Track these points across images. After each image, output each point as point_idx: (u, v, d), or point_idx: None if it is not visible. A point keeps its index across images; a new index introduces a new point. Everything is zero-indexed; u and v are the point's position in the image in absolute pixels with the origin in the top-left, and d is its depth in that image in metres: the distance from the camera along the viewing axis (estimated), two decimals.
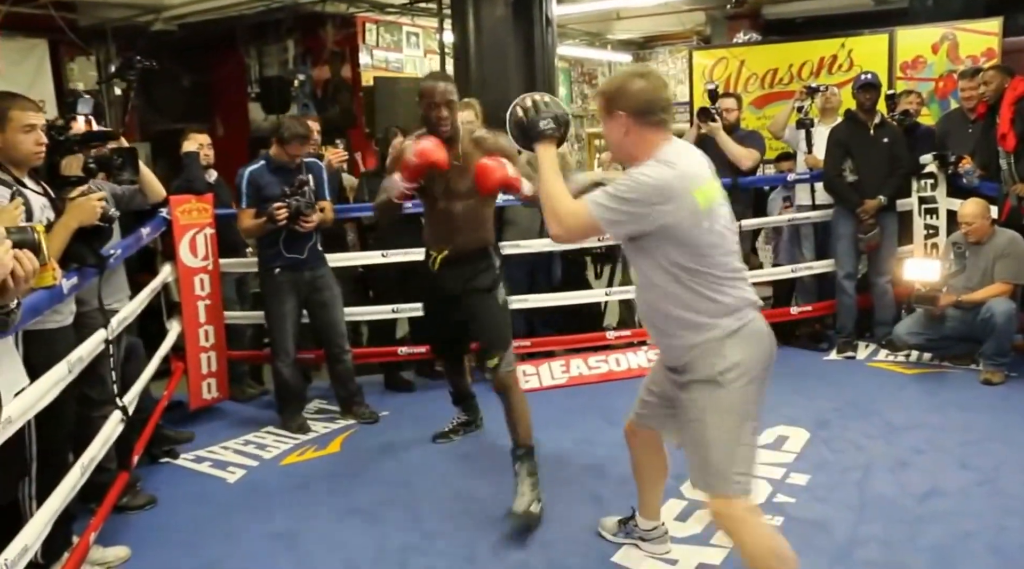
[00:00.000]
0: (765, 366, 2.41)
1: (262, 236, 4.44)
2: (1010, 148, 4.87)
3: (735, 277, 2.39)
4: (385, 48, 8.79)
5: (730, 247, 2.40)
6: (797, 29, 8.75)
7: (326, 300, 4.56)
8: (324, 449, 4.27)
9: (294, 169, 4.42)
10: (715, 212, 2.34)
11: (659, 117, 2.37)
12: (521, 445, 3.42)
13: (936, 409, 4.37)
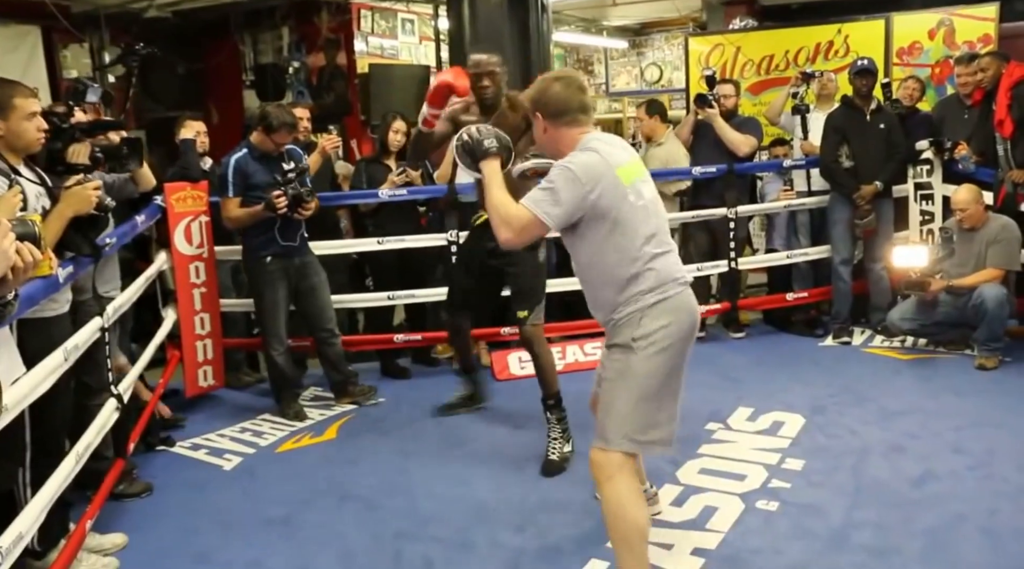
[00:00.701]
0: (682, 338, 2.54)
1: (251, 225, 4.41)
2: (1007, 134, 4.87)
3: (660, 253, 2.55)
4: (380, 35, 8.73)
5: (655, 223, 2.58)
6: (793, 15, 8.69)
7: (315, 285, 4.57)
8: (320, 436, 4.28)
9: (277, 157, 4.41)
10: (638, 188, 2.56)
11: (573, 117, 2.62)
12: (550, 395, 3.77)
13: (930, 394, 4.38)
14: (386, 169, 5.09)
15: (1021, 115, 4.83)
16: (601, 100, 12.53)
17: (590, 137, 2.61)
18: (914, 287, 4.87)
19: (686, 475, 3.53)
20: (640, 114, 5.77)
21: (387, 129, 5.10)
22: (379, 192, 4.93)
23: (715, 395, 4.41)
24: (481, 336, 5.18)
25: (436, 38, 8.41)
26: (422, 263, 5.26)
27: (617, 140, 2.71)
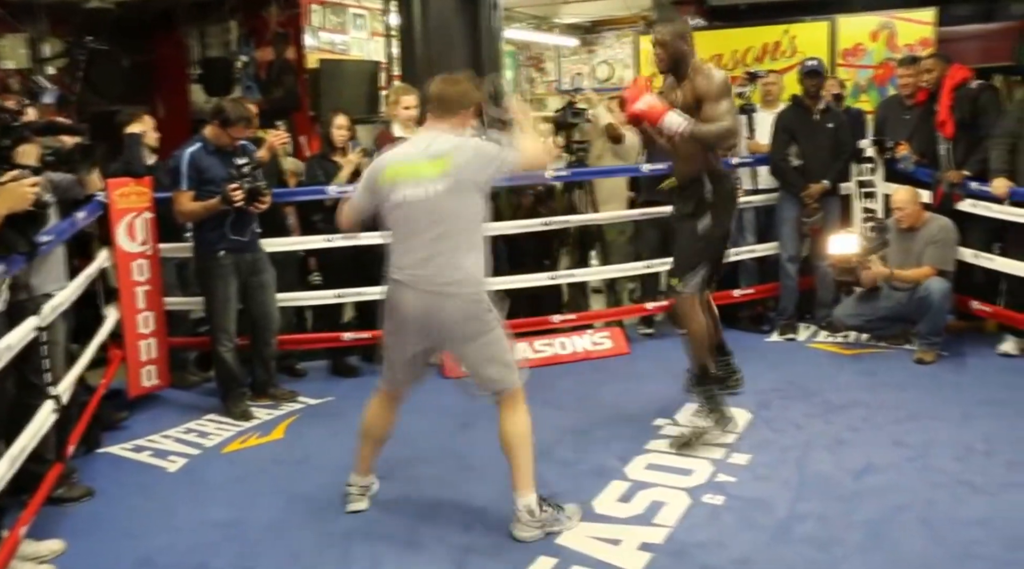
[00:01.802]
0: (395, 324, 3.10)
1: (204, 219, 4.35)
2: (948, 135, 4.99)
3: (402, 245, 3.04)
4: (330, 30, 8.65)
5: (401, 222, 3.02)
6: (741, 15, 8.80)
7: (265, 282, 4.54)
8: (267, 436, 4.23)
9: (231, 151, 4.36)
10: (396, 188, 2.98)
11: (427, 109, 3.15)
12: (689, 368, 3.90)
13: (872, 388, 4.48)
14: (336, 166, 5.04)
15: (962, 116, 4.97)
16: (553, 97, 12.58)
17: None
18: (846, 274, 4.99)
19: (634, 471, 3.56)
20: (613, 106, 5.78)
21: (330, 126, 5.07)
22: (327, 189, 4.88)
23: (662, 390, 4.45)
24: None
25: (387, 34, 8.35)
26: (372, 260, 5.21)
27: (420, 138, 3.11)
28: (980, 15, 8.61)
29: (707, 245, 3.82)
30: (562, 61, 12.64)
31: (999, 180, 4.64)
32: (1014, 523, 3.02)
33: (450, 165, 2.93)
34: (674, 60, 3.71)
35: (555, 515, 3.10)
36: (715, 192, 3.77)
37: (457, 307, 2.97)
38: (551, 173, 5.20)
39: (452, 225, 2.97)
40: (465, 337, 3.03)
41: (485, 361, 3.05)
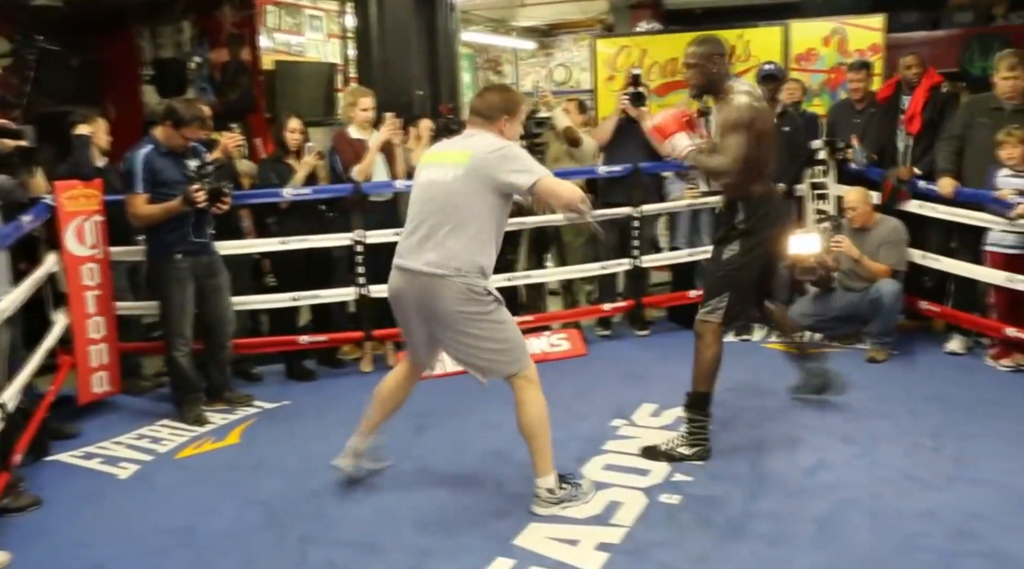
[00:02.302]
0: (393, 306, 3.29)
1: (162, 221, 4.28)
2: (914, 130, 5.11)
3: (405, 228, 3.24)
4: (286, 31, 8.58)
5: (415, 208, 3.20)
6: (697, 19, 8.92)
7: (221, 284, 4.51)
8: (222, 440, 4.18)
9: (183, 153, 4.31)
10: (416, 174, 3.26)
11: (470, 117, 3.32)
12: (691, 393, 3.71)
13: None
14: (290, 169, 5.01)
15: (931, 117, 5.09)
16: None
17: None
18: (807, 273, 5.07)
19: (591, 471, 3.58)
20: (570, 107, 5.81)
21: (283, 129, 5.03)
22: (282, 191, 4.84)
23: (620, 392, 4.48)
24: (387, 336, 5.15)
25: (343, 35, 8.30)
26: (327, 263, 5.19)
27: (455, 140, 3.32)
28: (927, 23, 8.85)
29: (731, 275, 3.64)
30: (520, 64, 12.68)
31: (944, 179, 4.76)
32: (958, 515, 3.10)
33: (474, 156, 3.07)
34: (705, 82, 3.61)
35: (572, 492, 3.27)
36: (748, 220, 3.60)
37: (452, 290, 3.05)
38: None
39: (460, 214, 3.06)
40: (462, 320, 3.09)
41: (480, 350, 3.14)
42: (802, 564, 2.84)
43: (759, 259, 3.66)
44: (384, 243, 5.02)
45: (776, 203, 3.75)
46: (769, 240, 3.68)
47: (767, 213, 3.64)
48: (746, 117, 3.50)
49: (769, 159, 3.66)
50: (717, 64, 3.60)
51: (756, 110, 3.53)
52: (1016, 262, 4.58)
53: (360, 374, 5.18)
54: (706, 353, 3.64)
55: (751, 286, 3.71)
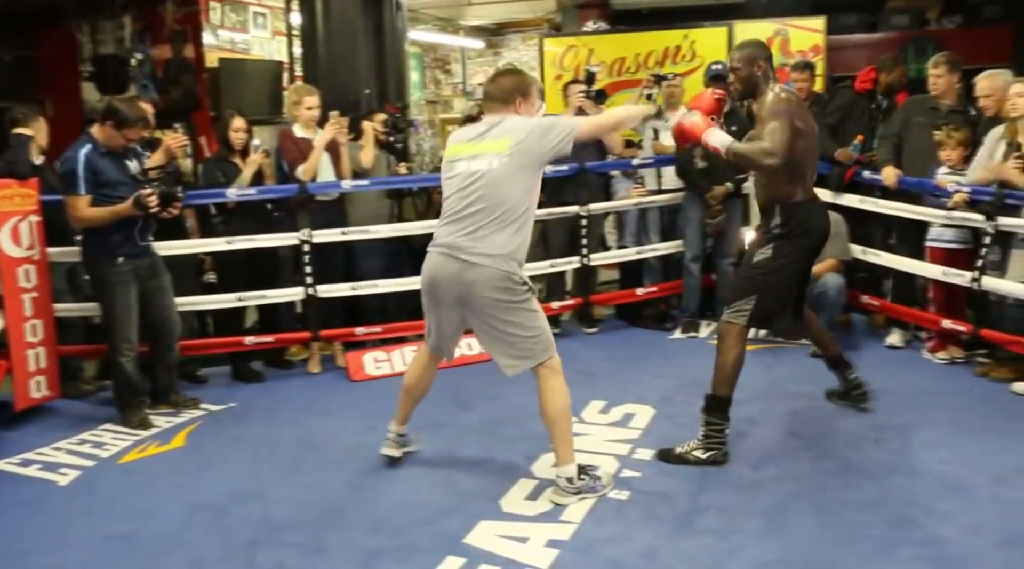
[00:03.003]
0: (427, 291, 3.35)
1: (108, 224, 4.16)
2: None
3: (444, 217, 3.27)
4: (231, 28, 8.46)
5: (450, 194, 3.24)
6: (644, 20, 8.99)
7: (164, 285, 4.43)
8: (167, 444, 4.10)
9: (123, 153, 4.21)
10: (454, 164, 3.25)
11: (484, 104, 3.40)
12: (710, 395, 3.65)
13: (770, 382, 4.63)
14: (236, 168, 4.93)
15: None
16: (459, 99, 12.58)
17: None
18: None
19: (541, 469, 3.59)
20: None
21: (227, 128, 4.95)
22: (227, 191, 4.77)
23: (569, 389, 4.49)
24: (335, 336, 5.11)
25: (288, 33, 8.20)
26: (272, 263, 5.13)
27: (476, 125, 3.31)
28: (866, 25, 9.05)
29: (759, 278, 3.60)
30: (468, 63, 12.65)
31: (888, 169, 4.89)
32: (898, 505, 3.18)
33: (515, 140, 3.15)
34: (747, 86, 3.59)
35: (591, 483, 3.31)
36: (784, 225, 3.58)
37: (488, 277, 3.13)
38: None
39: (507, 203, 3.14)
40: (498, 307, 3.17)
41: (515, 332, 3.20)
42: (749, 556, 2.88)
43: (790, 266, 3.58)
44: (331, 243, 5.00)
45: (815, 213, 3.66)
46: (804, 249, 3.62)
47: (804, 221, 3.58)
48: (786, 108, 3.46)
49: (810, 165, 3.61)
50: (761, 67, 3.56)
51: (797, 106, 3.52)
52: (956, 257, 4.72)
53: (308, 375, 5.13)
54: (727, 355, 3.60)
55: (781, 292, 3.63)
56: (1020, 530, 2.98)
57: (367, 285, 5.08)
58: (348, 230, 5.02)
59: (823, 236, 3.70)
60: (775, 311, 3.70)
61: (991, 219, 4.41)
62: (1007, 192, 4.33)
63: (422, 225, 5.28)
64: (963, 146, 4.68)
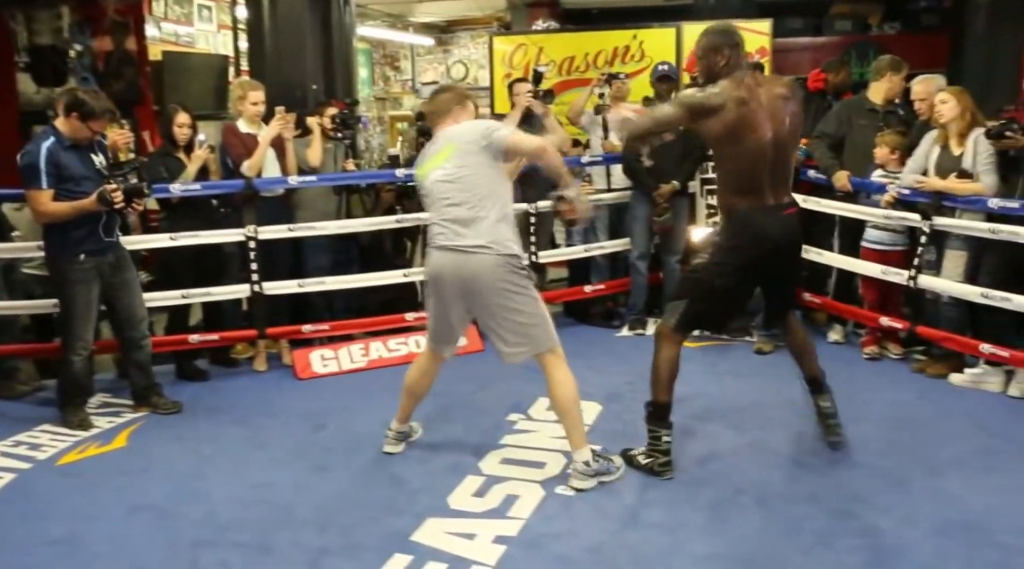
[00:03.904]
0: (431, 286, 3.47)
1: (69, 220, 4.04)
2: None
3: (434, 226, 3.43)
4: (175, 21, 8.31)
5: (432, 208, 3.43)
6: (593, 19, 9.05)
7: (129, 281, 4.31)
8: (108, 445, 4.01)
9: (86, 147, 4.09)
10: (424, 185, 3.45)
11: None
12: (647, 400, 3.60)
13: (716, 379, 4.70)
14: (180, 163, 4.84)
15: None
16: (408, 96, 12.54)
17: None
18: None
19: (488, 466, 3.60)
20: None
21: (171, 123, 4.85)
22: (171, 187, 4.68)
23: (517, 387, 4.51)
24: (282, 334, 5.06)
25: (234, 26, 8.09)
26: (216, 259, 5.06)
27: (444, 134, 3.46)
28: (810, 29, 9.25)
29: (693, 282, 3.52)
30: (417, 60, 12.61)
31: (839, 174, 4.99)
32: (838, 498, 3.26)
33: (459, 140, 3.36)
34: (707, 77, 3.38)
35: (606, 466, 3.43)
36: (722, 233, 3.50)
37: (487, 264, 3.28)
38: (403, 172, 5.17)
39: (469, 195, 3.31)
40: (502, 293, 3.29)
41: (518, 319, 3.31)
42: (694, 550, 2.93)
43: (727, 274, 3.38)
44: (278, 240, 4.94)
45: (758, 225, 3.36)
46: (740, 259, 3.38)
47: (742, 232, 3.38)
48: (697, 98, 3.31)
49: (758, 172, 3.31)
50: (725, 56, 3.34)
51: (729, 102, 3.22)
52: (888, 258, 4.85)
53: (254, 373, 5.06)
54: (656, 357, 3.54)
55: (711, 299, 3.45)
56: (952, 520, 3.08)
57: (314, 282, 5.03)
58: (295, 227, 4.96)
59: (763, 250, 3.39)
60: (705, 317, 3.68)
61: (927, 219, 4.53)
62: (943, 197, 4.47)
63: (370, 222, 5.26)
64: (899, 149, 4.82)
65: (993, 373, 4.44)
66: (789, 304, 3.81)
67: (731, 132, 3.25)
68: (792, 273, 3.76)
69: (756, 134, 3.25)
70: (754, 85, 3.30)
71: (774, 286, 3.66)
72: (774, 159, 3.31)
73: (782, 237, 3.42)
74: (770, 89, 3.34)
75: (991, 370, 4.44)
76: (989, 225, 4.27)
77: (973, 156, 4.39)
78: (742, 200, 3.37)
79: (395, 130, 12.31)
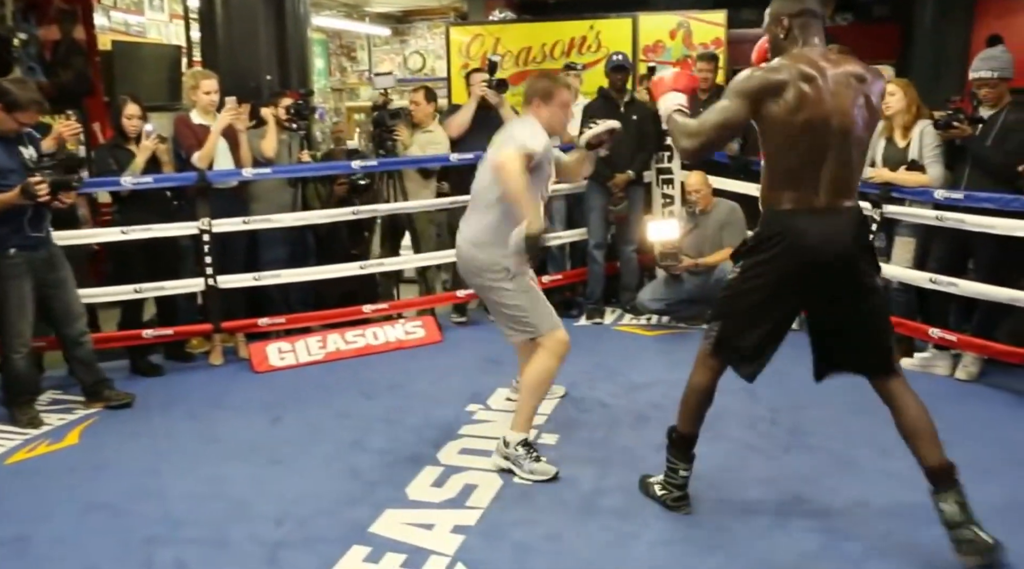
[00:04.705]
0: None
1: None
2: None
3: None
4: (124, 10, 8.14)
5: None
6: (549, 9, 9.07)
7: (64, 278, 4.23)
8: (59, 442, 3.94)
9: (14, 139, 4.00)
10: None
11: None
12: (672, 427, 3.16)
13: (673, 366, 4.72)
14: (131, 154, 4.76)
15: None
16: (364, 87, 12.44)
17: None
18: (668, 258, 5.27)
19: (447, 456, 3.61)
20: (419, 98, 5.74)
21: (120, 115, 4.76)
22: (121, 179, 4.60)
23: (475, 377, 4.54)
24: (238, 328, 5.01)
25: (185, 16, 7.95)
26: (174, 253, 4.99)
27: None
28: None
29: (723, 300, 2.95)
30: (374, 51, 12.51)
31: None
32: (792, 481, 3.32)
33: (497, 137, 3.48)
34: (773, 50, 2.84)
35: (523, 461, 3.38)
36: (758, 236, 2.83)
37: (463, 257, 3.50)
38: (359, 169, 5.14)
39: (481, 194, 3.47)
40: (483, 288, 3.49)
41: (500, 312, 3.49)
42: (650, 535, 2.96)
43: (756, 289, 2.81)
44: (233, 232, 4.88)
45: (803, 229, 2.72)
46: (776, 272, 2.77)
47: (782, 235, 2.75)
48: (753, 86, 2.69)
49: (814, 165, 2.69)
50: (785, 27, 2.78)
51: (792, 78, 2.64)
52: None
53: (209, 367, 5.01)
54: (690, 379, 3.10)
55: (745, 317, 2.87)
56: (901, 500, 3.14)
57: (270, 275, 4.99)
58: (250, 219, 4.91)
59: (802, 263, 2.74)
60: (740, 341, 2.92)
61: (877, 207, 4.62)
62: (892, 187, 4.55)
63: (326, 214, 5.22)
64: None
65: (942, 357, 4.55)
66: (872, 359, 2.90)
67: (789, 114, 2.65)
68: (854, 307, 2.83)
69: (816, 117, 2.65)
70: (821, 60, 2.70)
71: (826, 320, 2.93)
72: (837, 150, 2.69)
73: (828, 249, 2.71)
74: (843, 67, 2.72)
75: (940, 354, 4.55)
76: (935, 213, 4.36)
77: (919, 148, 4.48)
78: (785, 196, 2.74)
79: (352, 121, 12.21)
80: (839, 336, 2.94)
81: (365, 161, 5.26)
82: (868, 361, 2.91)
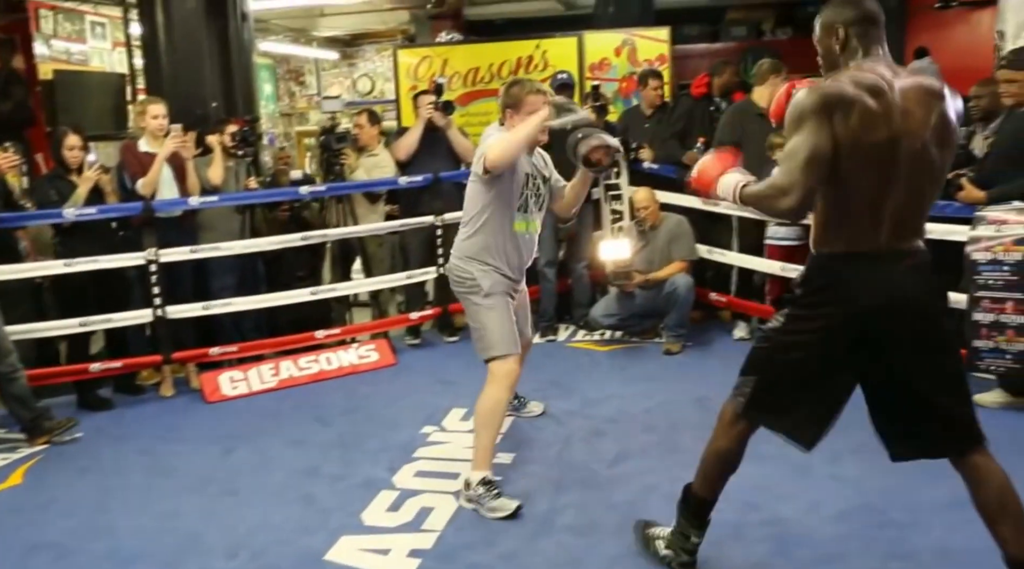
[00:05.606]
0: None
1: None
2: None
3: None
4: (66, 38, 8.03)
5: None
6: (496, 30, 9.15)
7: None
8: (2, 483, 3.84)
9: None
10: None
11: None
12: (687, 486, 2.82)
13: (626, 381, 4.78)
14: (73, 185, 4.69)
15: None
16: (314, 111, 12.40)
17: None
18: (620, 277, 5.31)
19: (402, 480, 3.58)
20: (362, 121, 5.75)
21: (61, 146, 4.69)
22: (63, 211, 4.53)
23: (429, 398, 4.52)
24: (188, 358, 4.94)
25: (128, 44, 7.86)
26: (122, 285, 4.91)
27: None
28: (707, 36, 9.54)
29: (760, 353, 2.55)
30: (323, 74, 12.49)
31: None
32: (745, 490, 3.30)
33: (476, 154, 3.45)
34: (827, 65, 2.44)
35: (484, 500, 3.27)
36: (804, 282, 2.46)
37: (449, 268, 3.57)
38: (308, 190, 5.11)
39: (467, 206, 3.51)
40: (458, 295, 3.55)
41: (470, 323, 3.52)
42: (606, 551, 2.97)
43: (800, 345, 2.43)
44: (181, 261, 4.82)
45: (854, 277, 2.34)
46: (824, 322, 2.38)
47: (830, 285, 2.39)
48: (820, 107, 2.25)
49: (877, 198, 2.28)
50: (840, 38, 2.38)
51: (852, 99, 2.23)
52: (792, 253, 5.01)
53: (160, 399, 4.92)
54: (712, 443, 2.72)
55: (787, 376, 2.49)
56: (853, 505, 3.20)
57: (220, 304, 4.93)
58: (198, 248, 4.86)
59: (853, 315, 2.34)
60: (780, 404, 2.53)
61: None
62: None
63: (275, 240, 5.18)
64: None
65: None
66: (955, 434, 2.41)
67: (852, 137, 2.24)
68: (924, 370, 2.38)
69: (882, 140, 2.24)
70: (888, 73, 2.30)
71: (892, 391, 2.46)
72: (905, 180, 2.28)
73: (888, 302, 2.32)
74: (915, 81, 2.32)
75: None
76: None
77: None
78: (837, 235, 2.37)
79: (302, 146, 12.15)
80: (911, 410, 2.43)
81: (313, 186, 5.24)
82: (951, 437, 2.41)
